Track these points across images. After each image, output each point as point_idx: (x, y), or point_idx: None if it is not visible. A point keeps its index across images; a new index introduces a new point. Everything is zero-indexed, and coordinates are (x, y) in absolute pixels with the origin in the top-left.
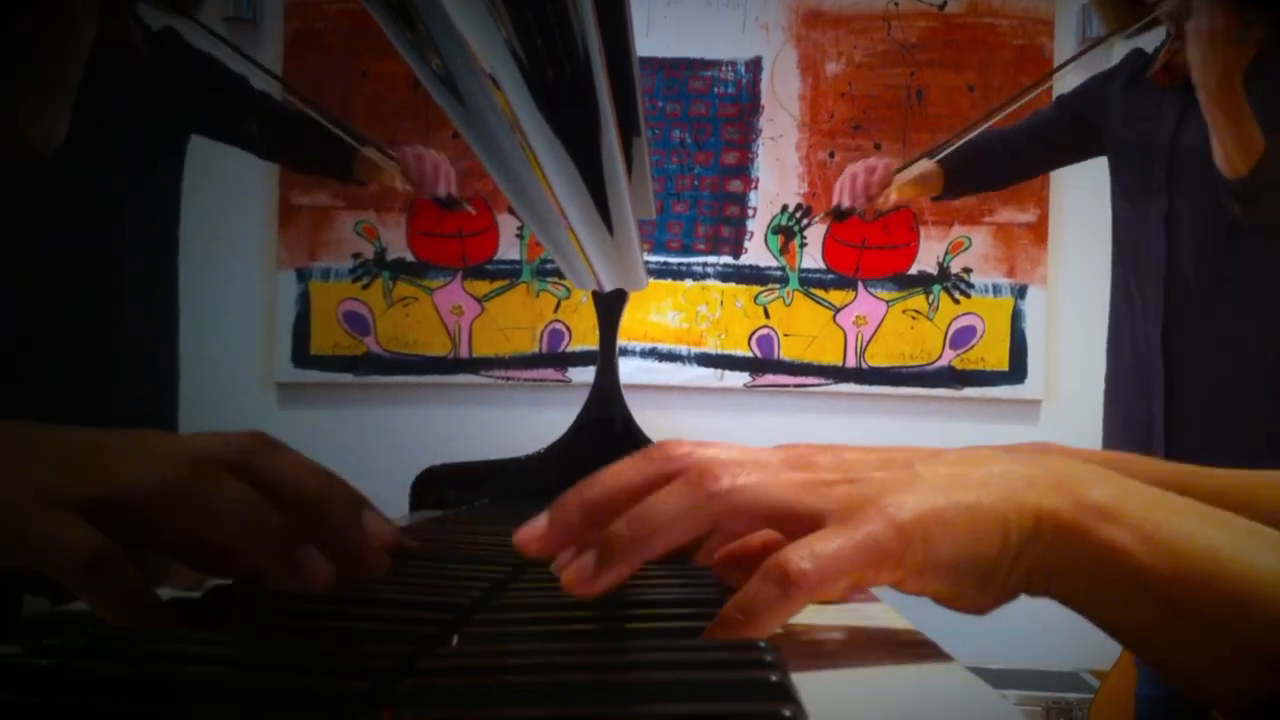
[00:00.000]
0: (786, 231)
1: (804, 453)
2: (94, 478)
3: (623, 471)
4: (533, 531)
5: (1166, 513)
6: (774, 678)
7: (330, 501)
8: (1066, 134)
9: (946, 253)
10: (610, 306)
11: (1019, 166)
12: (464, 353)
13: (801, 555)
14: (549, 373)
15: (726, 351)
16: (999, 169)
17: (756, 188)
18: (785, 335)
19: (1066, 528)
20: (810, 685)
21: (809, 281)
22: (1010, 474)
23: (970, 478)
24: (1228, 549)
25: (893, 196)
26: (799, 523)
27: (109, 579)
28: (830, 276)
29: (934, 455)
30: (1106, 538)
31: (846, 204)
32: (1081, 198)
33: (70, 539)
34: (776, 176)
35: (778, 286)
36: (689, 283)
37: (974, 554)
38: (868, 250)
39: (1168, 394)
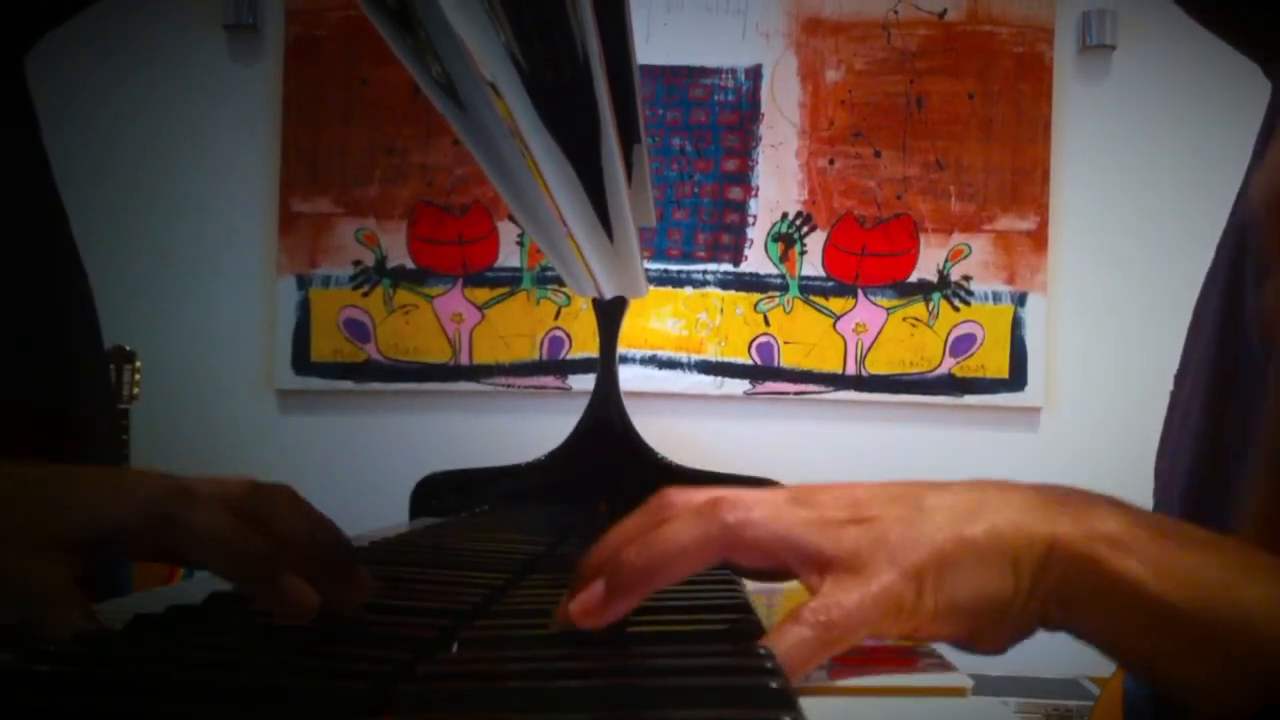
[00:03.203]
0: (786, 239)
1: (809, 491)
2: (78, 515)
3: (628, 528)
4: (565, 605)
5: (1178, 542)
6: (774, 684)
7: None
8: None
9: (946, 260)
10: (610, 314)
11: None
12: (464, 360)
13: (827, 606)
14: (549, 380)
15: (726, 359)
16: None
17: (756, 195)
18: (785, 343)
19: (1080, 557)
20: (811, 693)
21: (809, 289)
22: (1019, 502)
23: (978, 510)
24: (1239, 578)
25: None
26: (806, 560)
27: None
28: (830, 284)
29: (940, 488)
30: (1120, 569)
31: None
32: (1081, 206)
33: (45, 586)
34: (776, 184)
35: (778, 294)
36: (689, 290)
37: (986, 592)
38: (867, 258)
39: None
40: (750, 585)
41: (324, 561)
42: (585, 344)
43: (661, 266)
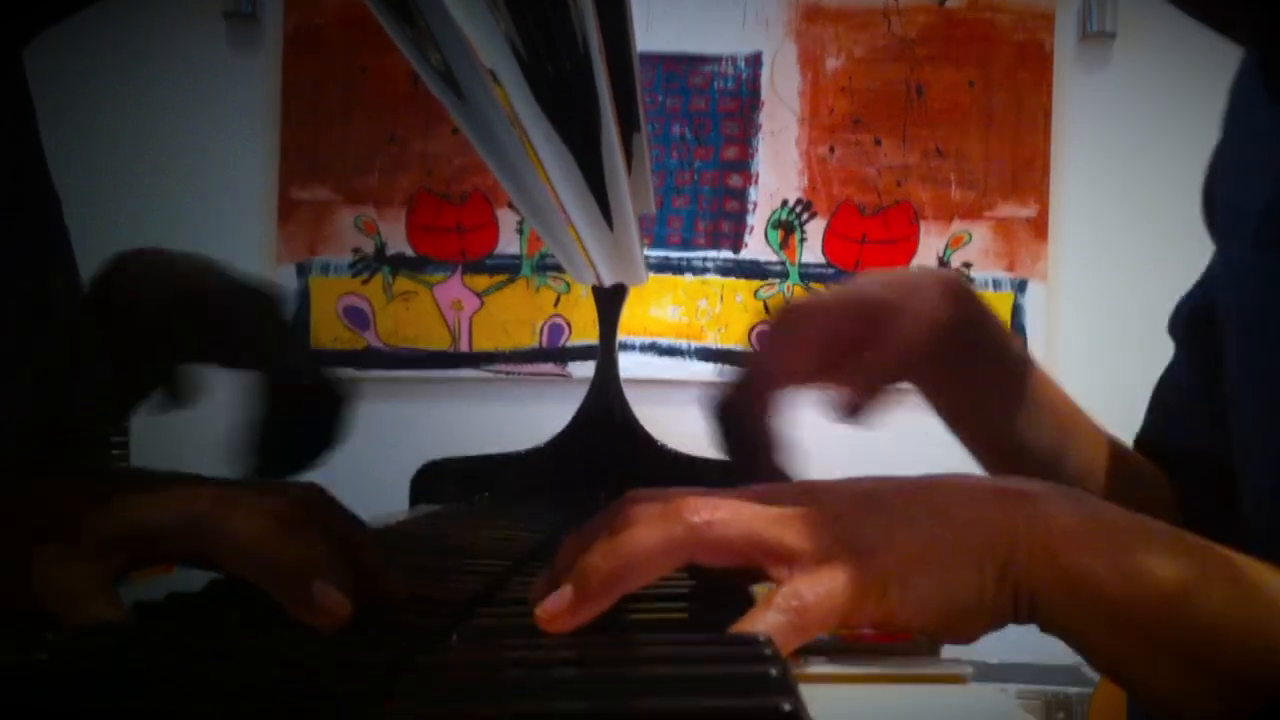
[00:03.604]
0: (787, 226)
1: (772, 489)
2: (115, 517)
3: (591, 533)
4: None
5: (1139, 539)
6: (773, 672)
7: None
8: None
9: (946, 247)
10: (610, 301)
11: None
12: (464, 347)
13: (799, 592)
14: (549, 367)
15: (727, 346)
16: None
17: (756, 183)
18: None
19: (1039, 552)
20: (810, 681)
21: (809, 276)
22: (981, 496)
23: (941, 505)
24: (1197, 576)
25: None
26: (773, 555)
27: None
28: (830, 271)
29: (904, 481)
30: (1077, 566)
31: None
32: (1082, 193)
33: (76, 582)
34: (776, 172)
35: (778, 281)
36: (689, 277)
37: (952, 586)
38: (868, 245)
39: None
40: None
41: (359, 567)
42: (585, 331)
43: (661, 254)
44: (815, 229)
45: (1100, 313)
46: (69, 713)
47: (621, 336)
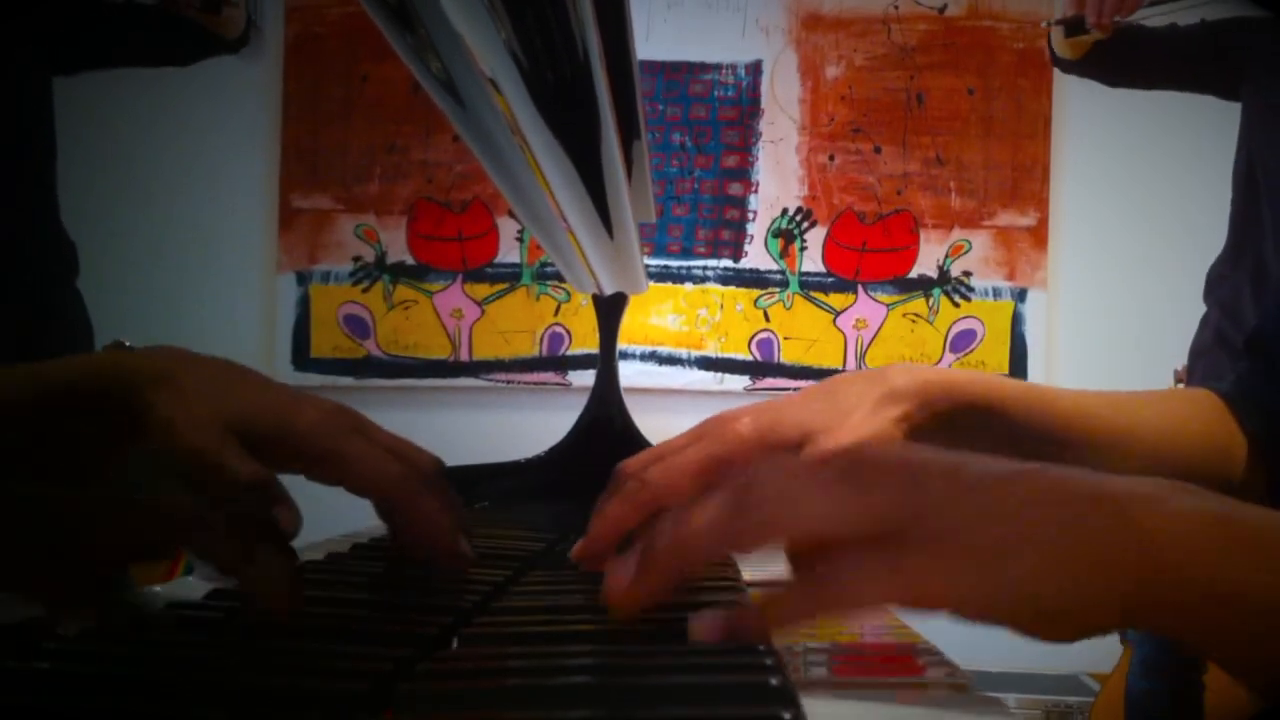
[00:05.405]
0: (786, 235)
1: (859, 459)
2: (108, 540)
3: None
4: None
5: (1238, 531)
6: (774, 681)
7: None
8: (1205, 63)
9: (946, 256)
10: (610, 310)
11: (1149, 70)
12: (464, 356)
13: (848, 567)
14: (549, 376)
15: (727, 355)
16: (1135, 62)
17: (756, 191)
18: (785, 338)
19: (1134, 549)
20: (811, 690)
21: (809, 285)
22: (1079, 491)
23: (1037, 497)
24: None
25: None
26: (842, 543)
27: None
28: (830, 280)
29: (1004, 469)
30: (1178, 562)
31: (1092, 20)
32: (1081, 202)
33: (70, 590)
34: (776, 180)
35: (778, 290)
36: (689, 286)
37: (1044, 580)
38: (868, 254)
39: None
40: (746, 575)
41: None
42: (585, 340)
43: (661, 262)
44: (815, 237)
45: (1100, 321)
46: (71, 715)
47: (621, 345)
